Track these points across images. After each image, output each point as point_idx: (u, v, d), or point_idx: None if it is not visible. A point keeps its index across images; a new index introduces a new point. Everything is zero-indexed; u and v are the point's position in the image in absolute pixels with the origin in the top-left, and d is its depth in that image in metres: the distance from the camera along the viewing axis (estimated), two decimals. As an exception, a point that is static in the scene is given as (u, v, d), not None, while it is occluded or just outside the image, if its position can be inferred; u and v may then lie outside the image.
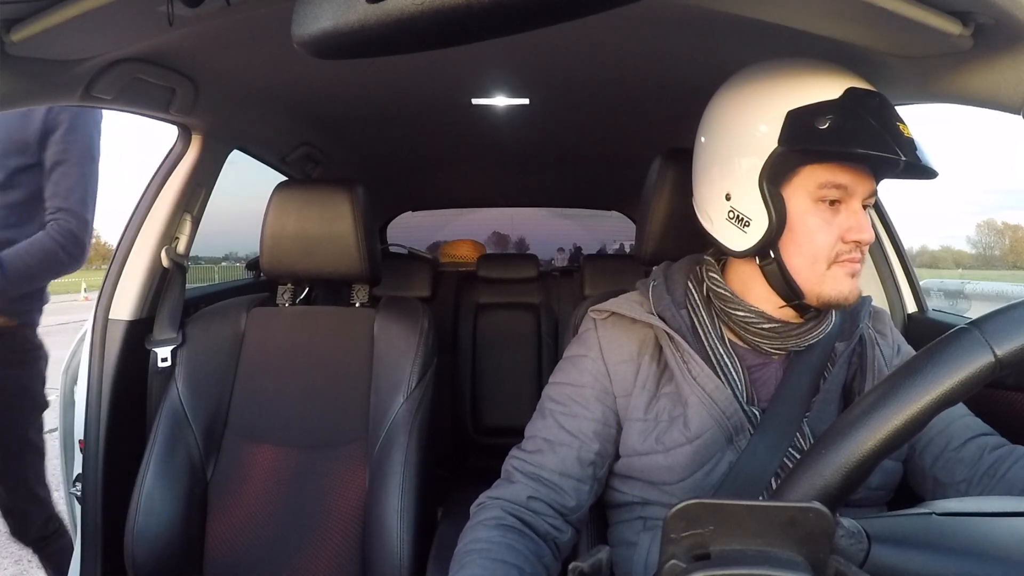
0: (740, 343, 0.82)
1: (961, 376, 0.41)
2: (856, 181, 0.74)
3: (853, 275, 0.76)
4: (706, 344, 0.81)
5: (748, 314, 0.80)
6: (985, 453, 0.77)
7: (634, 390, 0.82)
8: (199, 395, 1.17)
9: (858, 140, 0.70)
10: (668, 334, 0.80)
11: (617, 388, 0.83)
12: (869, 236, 0.74)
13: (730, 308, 0.81)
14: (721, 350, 0.80)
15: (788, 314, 0.80)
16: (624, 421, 0.82)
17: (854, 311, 0.85)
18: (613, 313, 0.86)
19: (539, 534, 0.77)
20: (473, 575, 0.69)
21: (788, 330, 0.79)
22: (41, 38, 0.75)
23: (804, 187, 0.75)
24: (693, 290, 0.85)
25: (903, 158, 0.69)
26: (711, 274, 0.84)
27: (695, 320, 0.83)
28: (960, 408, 0.82)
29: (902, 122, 0.73)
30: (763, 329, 0.79)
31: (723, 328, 0.82)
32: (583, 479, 0.81)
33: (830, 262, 0.75)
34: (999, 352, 0.41)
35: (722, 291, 0.82)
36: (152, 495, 1.09)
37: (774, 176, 0.75)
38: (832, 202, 0.74)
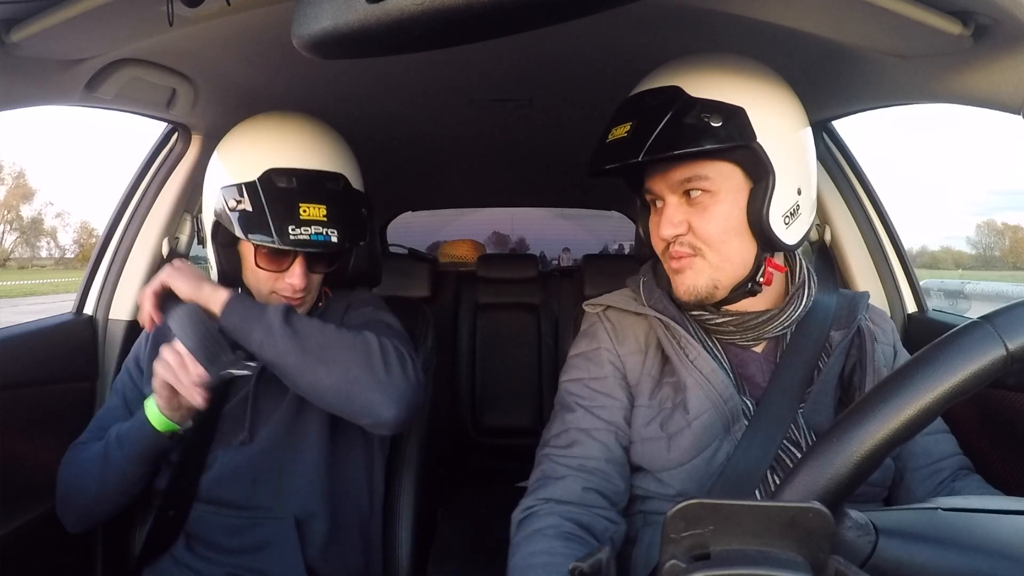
0: (720, 336, 0.83)
1: (974, 368, 0.41)
2: (655, 183, 0.79)
3: (676, 272, 0.80)
4: (696, 336, 0.82)
5: (702, 312, 0.82)
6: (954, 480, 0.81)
7: (641, 378, 0.83)
8: None
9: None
10: (663, 322, 0.81)
11: (630, 376, 0.84)
12: (663, 232, 0.78)
13: (686, 308, 0.83)
14: (709, 342, 0.82)
15: (746, 305, 0.81)
16: (634, 407, 0.83)
17: (852, 301, 0.85)
18: (610, 307, 0.88)
19: (598, 536, 0.74)
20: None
21: (743, 321, 0.80)
22: (41, 38, 0.75)
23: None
24: None
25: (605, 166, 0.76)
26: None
27: (684, 315, 0.84)
28: (952, 445, 0.84)
29: (629, 120, 0.77)
30: (716, 324, 0.81)
31: (701, 323, 0.83)
32: (624, 463, 0.80)
33: (663, 258, 0.82)
34: (1011, 346, 0.41)
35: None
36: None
37: (640, 192, 0.85)
38: (655, 203, 0.81)
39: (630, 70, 0.87)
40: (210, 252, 0.98)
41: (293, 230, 0.88)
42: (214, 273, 0.99)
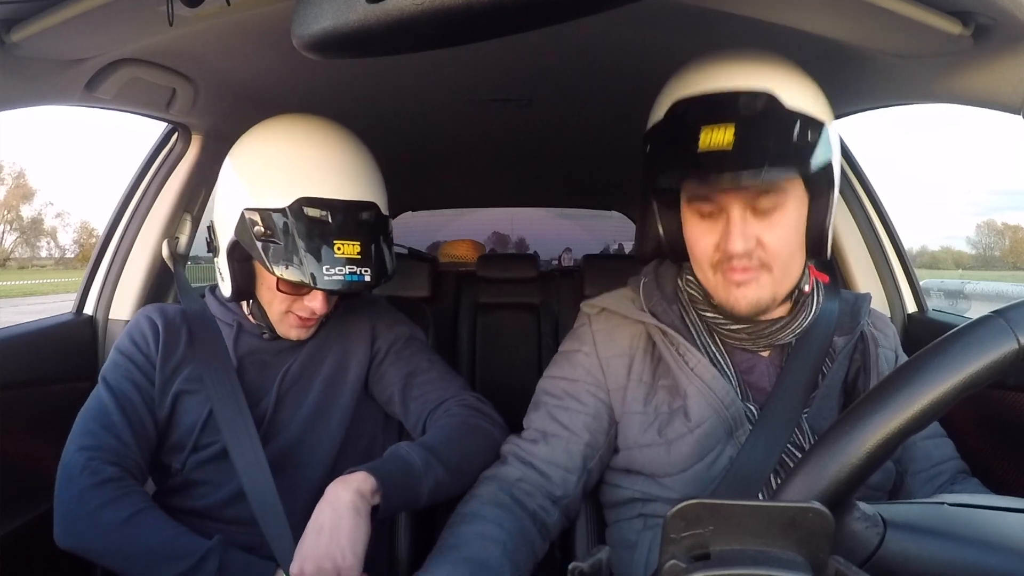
0: (729, 341, 0.82)
1: (987, 360, 0.41)
2: (726, 194, 0.73)
3: (739, 284, 0.75)
4: (697, 341, 0.82)
5: (716, 316, 0.81)
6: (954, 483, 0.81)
7: (628, 383, 0.82)
8: None
9: (664, 163, 0.75)
10: (661, 329, 0.81)
11: (610, 382, 0.83)
12: (735, 247, 0.72)
13: (699, 309, 0.83)
14: (712, 348, 0.81)
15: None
16: (621, 415, 0.82)
17: (854, 306, 0.85)
18: (605, 309, 0.87)
19: (527, 511, 0.79)
20: (462, 530, 0.73)
21: (758, 329, 0.79)
22: (41, 38, 0.75)
23: (685, 199, 0.78)
24: (683, 288, 0.86)
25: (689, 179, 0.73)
26: (687, 276, 0.85)
27: (686, 318, 0.84)
28: (950, 449, 0.85)
29: (727, 123, 0.67)
30: (729, 330, 0.80)
31: (711, 327, 0.83)
32: (571, 470, 0.82)
33: (715, 269, 0.76)
34: (1023, 341, 0.41)
35: (693, 292, 0.84)
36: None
37: (663, 190, 0.81)
38: (710, 213, 0.75)
39: (631, 70, 0.87)
40: (223, 264, 0.94)
41: (328, 270, 0.84)
42: (226, 285, 0.96)
